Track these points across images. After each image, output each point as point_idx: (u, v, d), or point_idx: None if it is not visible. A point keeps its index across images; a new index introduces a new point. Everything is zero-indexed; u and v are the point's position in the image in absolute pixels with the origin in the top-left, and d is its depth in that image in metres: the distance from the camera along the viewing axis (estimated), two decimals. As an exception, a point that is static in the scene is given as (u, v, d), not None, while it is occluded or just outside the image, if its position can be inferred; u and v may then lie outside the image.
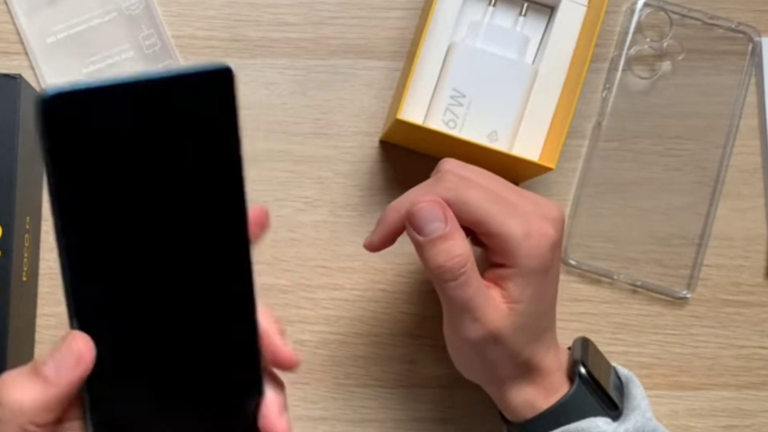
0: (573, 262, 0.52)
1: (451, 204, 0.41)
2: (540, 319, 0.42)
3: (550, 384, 0.43)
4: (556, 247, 0.42)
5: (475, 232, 0.42)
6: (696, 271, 0.53)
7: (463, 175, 0.42)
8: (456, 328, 0.42)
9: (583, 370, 0.43)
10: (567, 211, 0.53)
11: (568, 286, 0.53)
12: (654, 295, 0.53)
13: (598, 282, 0.53)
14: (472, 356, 0.43)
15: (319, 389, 0.52)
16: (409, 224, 0.41)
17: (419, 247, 0.41)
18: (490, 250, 0.42)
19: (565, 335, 0.48)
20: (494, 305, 0.41)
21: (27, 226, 0.48)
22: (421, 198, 0.41)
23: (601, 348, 0.47)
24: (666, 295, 0.53)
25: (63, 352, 0.30)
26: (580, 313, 0.53)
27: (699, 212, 0.53)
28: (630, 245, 0.53)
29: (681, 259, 0.53)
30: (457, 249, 0.40)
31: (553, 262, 0.42)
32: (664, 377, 0.53)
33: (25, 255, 0.48)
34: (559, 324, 0.45)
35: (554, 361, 0.43)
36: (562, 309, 0.47)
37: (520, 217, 0.41)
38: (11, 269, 0.46)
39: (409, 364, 0.52)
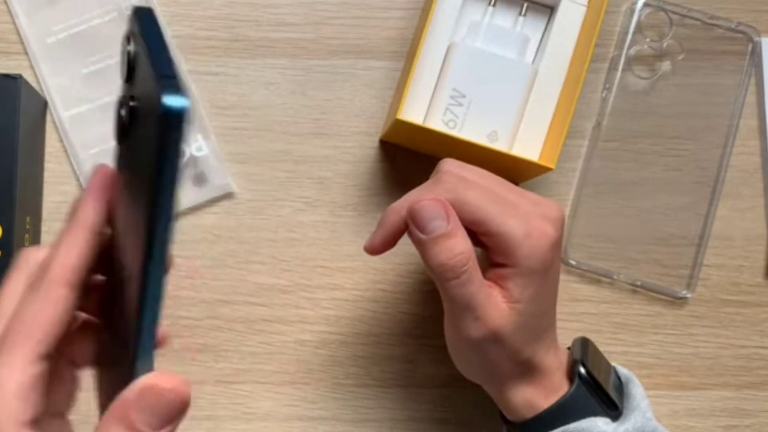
0: (573, 262, 0.52)
1: (451, 204, 0.41)
2: (540, 319, 0.43)
3: (550, 384, 0.43)
4: (557, 246, 0.42)
5: (476, 233, 0.42)
6: (696, 271, 0.53)
7: (462, 175, 0.42)
8: (457, 326, 0.42)
9: (582, 369, 0.43)
10: (567, 211, 0.53)
11: (568, 286, 0.53)
12: (654, 295, 0.53)
13: (598, 282, 0.53)
14: (473, 355, 0.43)
15: (319, 389, 0.52)
16: (411, 222, 0.41)
17: (421, 245, 0.41)
18: (491, 250, 0.42)
19: (565, 335, 0.48)
20: (495, 304, 0.41)
21: (27, 226, 0.48)
22: (422, 198, 0.41)
23: (601, 348, 0.47)
24: (666, 295, 0.53)
25: (163, 403, 0.27)
26: (580, 313, 0.53)
27: (699, 212, 0.53)
28: (630, 245, 0.53)
29: (681, 259, 0.53)
30: (459, 247, 0.40)
31: (553, 262, 0.42)
32: (664, 377, 0.53)
33: (25, 255, 0.48)
34: (559, 324, 0.45)
35: (554, 361, 0.44)
36: (562, 309, 0.46)
37: (520, 217, 0.41)
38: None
39: (409, 364, 0.52)
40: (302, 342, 0.52)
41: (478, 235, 0.42)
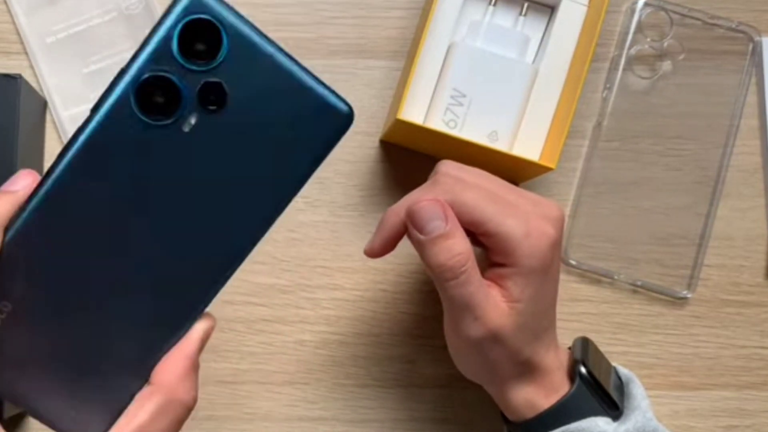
0: (573, 262, 0.52)
1: (449, 206, 0.41)
2: (540, 318, 0.42)
3: (551, 383, 0.43)
4: (556, 246, 0.42)
5: (475, 233, 0.42)
6: (696, 271, 0.53)
7: (459, 176, 0.42)
8: (456, 327, 0.42)
9: (583, 369, 0.43)
10: (567, 211, 0.53)
11: (568, 286, 0.53)
12: (654, 295, 0.53)
13: (598, 282, 0.53)
14: (473, 356, 0.43)
15: (319, 389, 0.52)
16: (409, 223, 0.41)
17: (420, 246, 0.41)
18: (490, 250, 0.42)
19: (565, 335, 0.48)
20: (494, 304, 0.41)
21: (27, 226, 0.48)
22: (420, 199, 0.41)
23: (602, 348, 0.47)
24: (666, 295, 0.53)
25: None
26: (580, 313, 0.53)
27: (699, 212, 0.53)
28: (630, 245, 0.53)
29: (681, 259, 0.53)
30: (457, 247, 0.40)
31: (553, 261, 0.42)
32: (665, 377, 0.53)
33: (25, 255, 0.48)
34: (559, 324, 0.45)
35: (555, 361, 0.43)
36: (562, 309, 0.46)
37: (519, 217, 0.41)
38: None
39: (409, 364, 0.52)
40: (302, 342, 0.52)
41: (477, 235, 0.42)
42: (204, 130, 0.31)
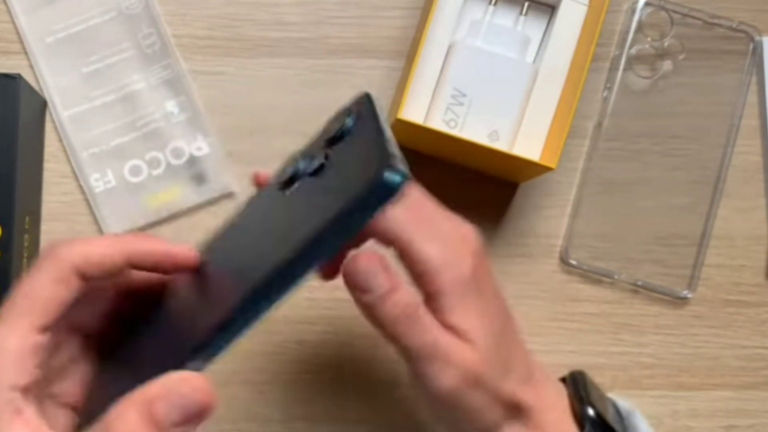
0: (573, 262, 0.52)
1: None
2: (499, 344, 0.39)
3: (544, 423, 0.40)
4: (478, 254, 0.38)
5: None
6: (697, 271, 0.53)
7: None
8: (428, 382, 0.38)
9: (591, 411, 0.40)
10: (567, 210, 0.53)
11: (568, 286, 0.53)
12: (655, 295, 0.53)
13: (598, 282, 0.53)
14: (453, 412, 0.39)
15: (319, 389, 0.52)
16: (352, 287, 0.37)
17: (370, 308, 0.37)
18: (417, 284, 0.38)
19: (566, 335, 0.47)
20: (457, 343, 0.37)
21: (27, 226, 0.48)
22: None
23: (602, 348, 0.47)
24: (667, 295, 0.53)
25: (190, 400, 0.28)
26: (581, 313, 0.53)
27: (700, 212, 0.53)
28: (631, 245, 0.53)
29: (682, 259, 0.53)
30: (408, 296, 0.37)
31: (480, 278, 0.38)
32: (665, 377, 0.53)
33: (25, 255, 0.48)
34: (559, 324, 0.45)
35: (543, 397, 0.40)
36: (562, 309, 0.46)
37: (437, 240, 0.38)
38: (11, 269, 0.46)
39: (410, 364, 0.52)
40: (302, 342, 0.52)
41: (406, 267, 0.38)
42: (296, 192, 0.33)
